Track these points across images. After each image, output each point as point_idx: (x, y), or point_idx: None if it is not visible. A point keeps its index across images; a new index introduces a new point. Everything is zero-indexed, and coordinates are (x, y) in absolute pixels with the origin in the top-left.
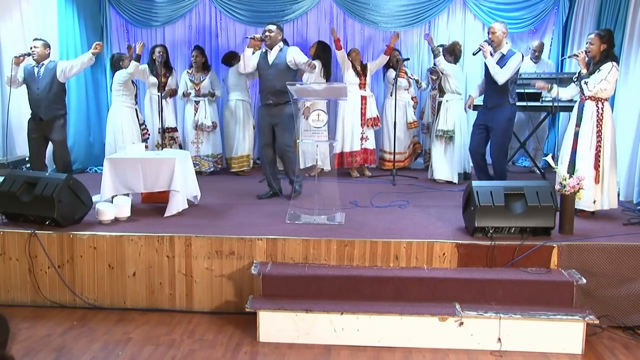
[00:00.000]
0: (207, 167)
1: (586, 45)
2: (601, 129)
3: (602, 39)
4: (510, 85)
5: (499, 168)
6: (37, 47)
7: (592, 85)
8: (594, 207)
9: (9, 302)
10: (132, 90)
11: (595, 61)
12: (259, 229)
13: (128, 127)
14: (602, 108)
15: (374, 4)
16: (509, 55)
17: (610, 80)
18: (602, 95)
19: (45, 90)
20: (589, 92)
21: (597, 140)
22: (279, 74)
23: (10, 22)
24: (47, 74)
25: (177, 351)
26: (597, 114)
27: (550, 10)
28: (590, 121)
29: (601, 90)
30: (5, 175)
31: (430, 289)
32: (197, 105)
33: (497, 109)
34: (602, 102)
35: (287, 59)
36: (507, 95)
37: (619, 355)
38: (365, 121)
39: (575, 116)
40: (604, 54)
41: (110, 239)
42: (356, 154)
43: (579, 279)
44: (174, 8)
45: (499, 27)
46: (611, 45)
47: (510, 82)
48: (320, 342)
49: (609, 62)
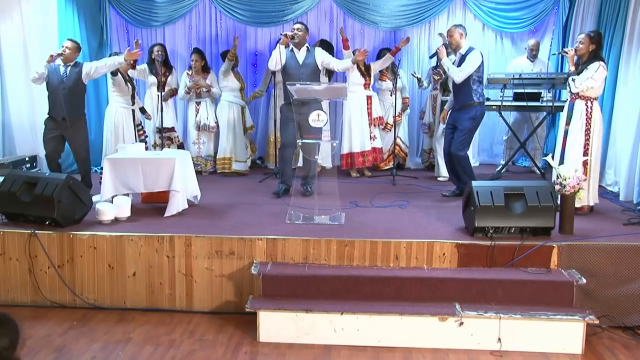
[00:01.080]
0: (210, 166)
1: (576, 44)
2: (590, 127)
3: (591, 40)
4: (473, 85)
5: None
6: (69, 49)
7: (579, 83)
8: (579, 203)
9: (9, 302)
10: (126, 91)
11: (583, 60)
12: (259, 229)
13: (122, 127)
14: (591, 107)
15: (374, 4)
16: (467, 54)
17: (597, 78)
18: (590, 94)
19: (71, 90)
20: (575, 90)
21: (586, 138)
22: (310, 74)
23: (10, 22)
24: (73, 74)
25: (177, 351)
26: (586, 113)
27: (550, 10)
28: (579, 119)
29: (588, 89)
30: (5, 175)
31: (430, 289)
32: (199, 106)
33: (462, 109)
34: (592, 101)
35: (318, 60)
36: (470, 95)
37: (619, 355)
38: (372, 120)
39: (565, 114)
40: (592, 54)
41: (110, 239)
42: (367, 153)
43: (579, 279)
44: (174, 8)
45: (454, 30)
46: (599, 47)
47: (473, 81)
48: (320, 342)
49: (596, 61)
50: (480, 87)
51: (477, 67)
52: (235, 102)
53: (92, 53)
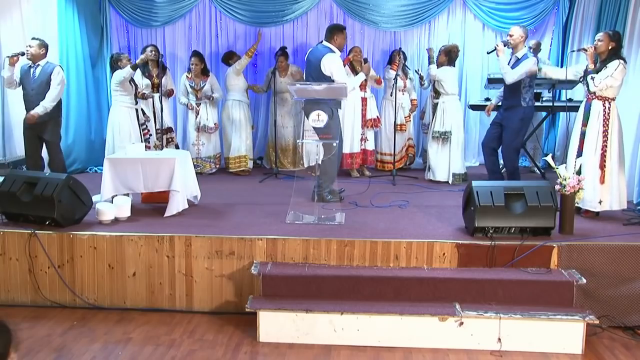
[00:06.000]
0: (209, 168)
1: (595, 41)
2: (608, 128)
3: (611, 38)
4: (523, 89)
5: (509, 165)
6: (32, 47)
7: (599, 81)
8: (600, 207)
9: (9, 302)
10: (131, 90)
11: (602, 58)
12: (259, 229)
13: (127, 127)
14: (609, 108)
15: (374, 4)
16: (522, 59)
17: (617, 77)
18: (609, 94)
19: (39, 91)
20: (594, 88)
21: (604, 140)
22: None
23: (11, 22)
24: (42, 75)
25: (177, 351)
26: (603, 114)
27: (550, 10)
28: (597, 121)
29: (607, 87)
30: (5, 175)
31: (430, 289)
32: (198, 107)
33: (510, 109)
34: (609, 101)
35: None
36: (519, 98)
37: (619, 355)
38: (365, 122)
39: (581, 115)
40: (611, 52)
41: (110, 239)
42: (356, 155)
43: (579, 279)
44: (174, 8)
45: (517, 31)
46: (620, 45)
47: (523, 85)
48: (320, 342)
49: (616, 59)
50: (529, 91)
51: (529, 73)
52: (244, 101)
53: (93, 53)
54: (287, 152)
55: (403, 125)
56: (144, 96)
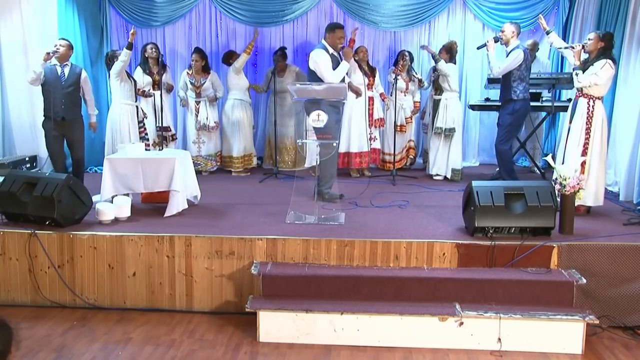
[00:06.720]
0: (211, 166)
1: (585, 41)
2: (590, 126)
3: (600, 38)
4: (513, 82)
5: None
6: (63, 47)
7: (583, 78)
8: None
9: (9, 302)
10: (130, 83)
11: (591, 57)
12: (259, 229)
13: (126, 125)
14: (592, 106)
15: (374, 4)
16: (511, 51)
17: (601, 75)
18: (594, 93)
19: (69, 90)
20: (578, 84)
21: (585, 137)
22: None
23: (11, 22)
24: (72, 76)
25: (177, 351)
26: (587, 112)
27: (550, 10)
28: (580, 118)
29: (591, 85)
30: (5, 175)
31: (430, 289)
32: (198, 106)
33: (503, 105)
34: (594, 99)
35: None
36: (510, 92)
37: (619, 355)
38: (372, 122)
39: (569, 112)
40: (600, 52)
41: (110, 239)
42: (365, 154)
43: (579, 279)
44: (174, 8)
45: (508, 27)
46: (609, 46)
47: (513, 79)
48: (320, 342)
49: (603, 59)
50: (521, 84)
51: (516, 64)
52: (245, 100)
53: (92, 53)
54: (287, 152)
55: (403, 126)
56: (144, 93)
